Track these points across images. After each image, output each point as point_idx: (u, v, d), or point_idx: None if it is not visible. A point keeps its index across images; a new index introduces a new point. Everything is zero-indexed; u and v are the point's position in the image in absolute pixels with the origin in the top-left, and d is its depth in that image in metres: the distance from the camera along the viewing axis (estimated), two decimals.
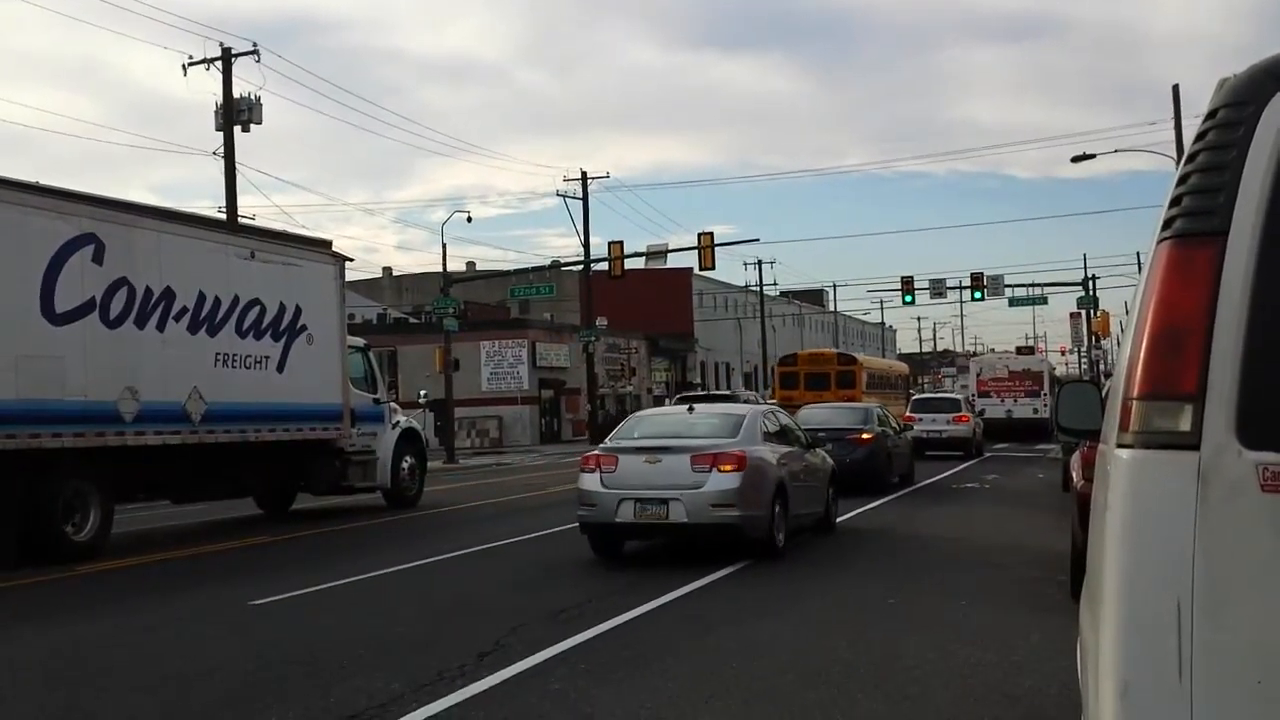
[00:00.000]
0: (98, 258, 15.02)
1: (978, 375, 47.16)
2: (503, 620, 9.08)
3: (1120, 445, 2.63)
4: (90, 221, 15.24)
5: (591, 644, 8.20)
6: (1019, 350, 58.86)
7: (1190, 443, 2.51)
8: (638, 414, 15.88)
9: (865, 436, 20.74)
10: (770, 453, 13.13)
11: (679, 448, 12.49)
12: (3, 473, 13.71)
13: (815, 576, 11.30)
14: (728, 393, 34.74)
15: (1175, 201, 2.65)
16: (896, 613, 9.18)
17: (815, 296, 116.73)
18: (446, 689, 6.96)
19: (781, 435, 14.10)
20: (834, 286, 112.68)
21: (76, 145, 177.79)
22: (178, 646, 8.92)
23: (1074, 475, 10.78)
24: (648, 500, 12.16)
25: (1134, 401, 2.59)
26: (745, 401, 30.83)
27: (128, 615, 10.43)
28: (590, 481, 12.65)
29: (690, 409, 14.65)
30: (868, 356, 46.22)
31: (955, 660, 7.42)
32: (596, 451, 13.27)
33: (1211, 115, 2.67)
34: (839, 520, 15.53)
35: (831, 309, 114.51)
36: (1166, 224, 2.66)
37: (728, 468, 12.12)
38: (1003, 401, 44.02)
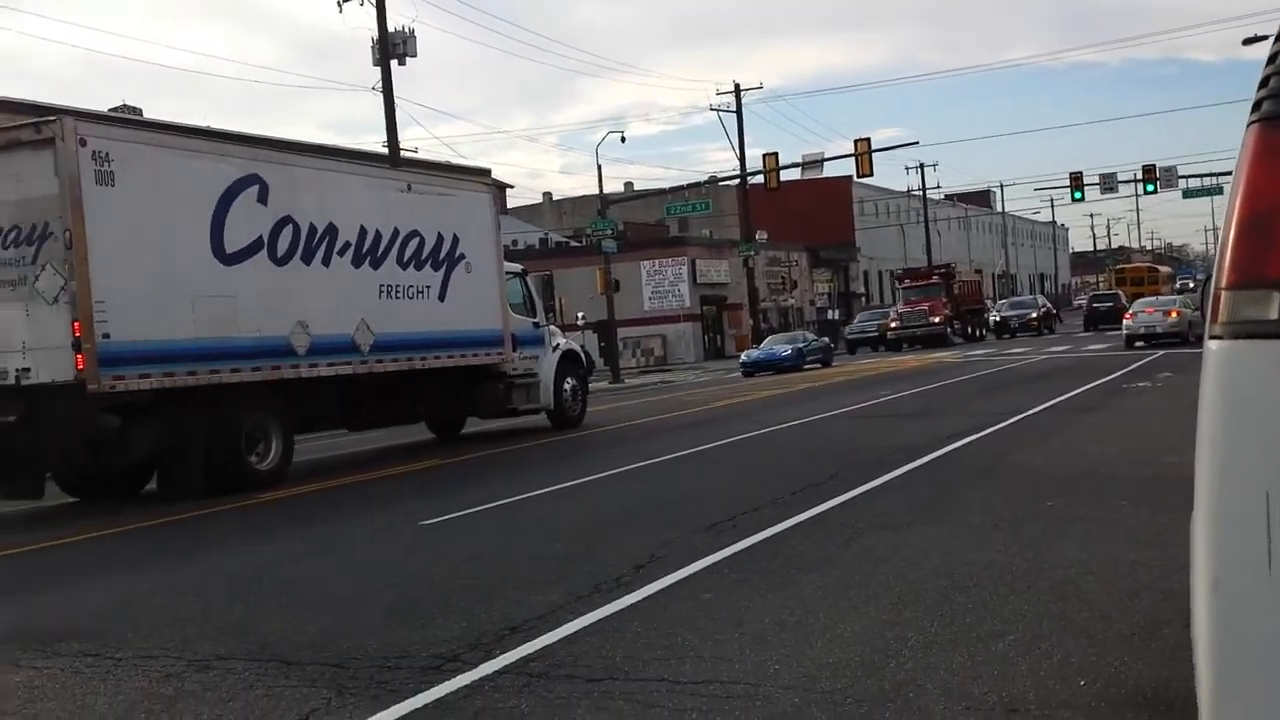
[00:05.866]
0: (263, 197, 15.61)
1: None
2: (658, 533, 9.27)
3: (1211, 337, 2.56)
4: (254, 162, 15.85)
5: (743, 555, 8.30)
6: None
7: (1278, 331, 2.43)
8: (1137, 301, 41.10)
9: (1174, 313, 37.01)
10: (1186, 309, 36.07)
11: (1157, 308, 37.57)
12: (188, 408, 14.52)
13: (971, 486, 11.18)
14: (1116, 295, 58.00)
15: (1264, 83, 2.52)
16: (1054, 516, 9.03)
17: (981, 198, 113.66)
18: (603, 600, 7.16)
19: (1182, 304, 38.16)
20: (1000, 186, 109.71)
21: (242, 86, 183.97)
22: (350, 565, 9.40)
23: None
24: (1149, 324, 36.13)
25: (1223, 291, 2.51)
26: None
27: (305, 538, 11.02)
28: (1127, 322, 37.15)
29: (1151, 298, 41.29)
30: (1162, 266, 75.87)
31: (1111, 560, 7.29)
32: (1129, 311, 38.61)
33: None
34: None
35: (998, 210, 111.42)
36: (1255, 106, 2.53)
37: (1174, 314, 36.34)
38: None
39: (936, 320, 52.43)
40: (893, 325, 53.74)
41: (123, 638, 7.17)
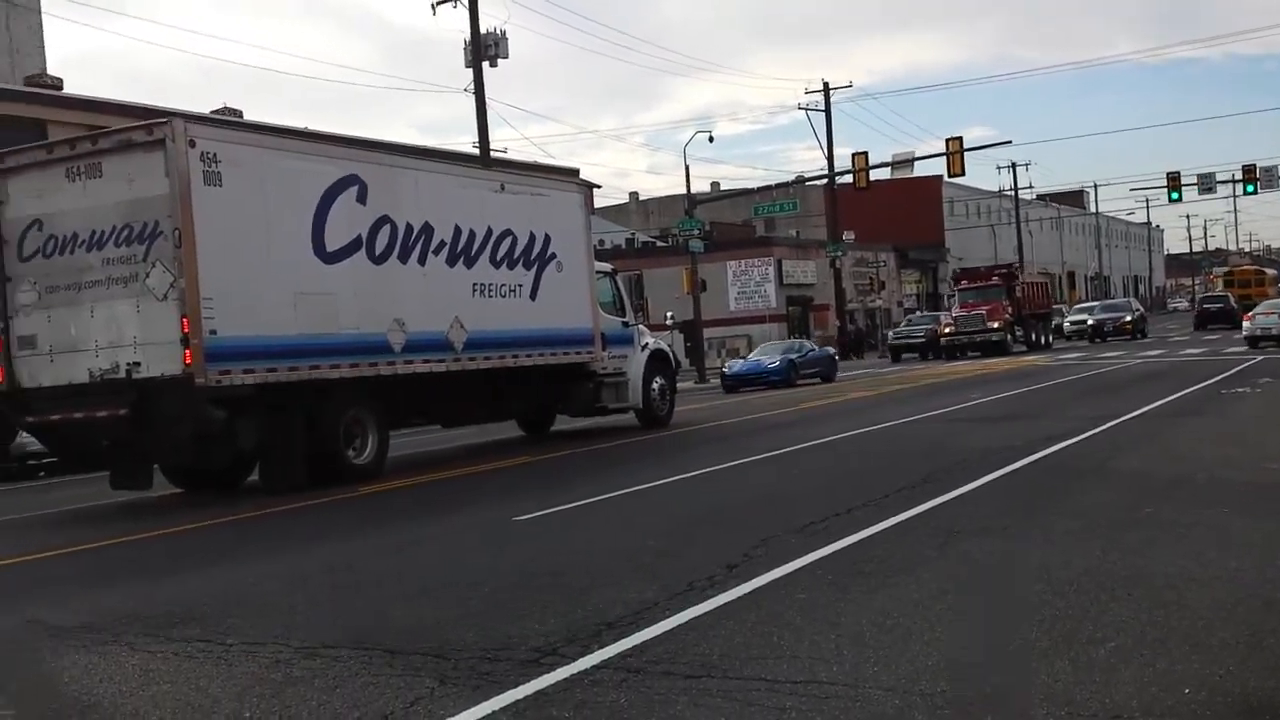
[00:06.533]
0: (361, 198, 15.91)
1: None
2: (750, 534, 9.30)
3: None
4: (353, 163, 16.17)
5: (838, 556, 8.31)
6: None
7: None
8: (1260, 304, 41.58)
9: None
10: None
11: (1274, 310, 37.62)
12: (290, 402, 14.87)
13: (1067, 491, 11.07)
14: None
15: None
16: (1152, 522, 8.92)
17: (1074, 198, 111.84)
18: (698, 598, 7.22)
19: None
20: (1094, 186, 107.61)
21: (335, 87, 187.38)
22: (447, 559, 9.59)
23: None
24: (1266, 325, 36.46)
25: None
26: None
27: (402, 531, 11.24)
28: (1247, 323, 37.30)
29: (1271, 301, 43.05)
30: (1268, 269, 78.75)
31: (1213, 568, 7.20)
32: (1249, 313, 38.45)
33: None
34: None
35: (1092, 210, 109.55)
36: None
37: (1271, 315, 36.99)
38: None
39: (996, 325, 46.94)
40: (946, 330, 48.48)
41: (231, 624, 7.40)
